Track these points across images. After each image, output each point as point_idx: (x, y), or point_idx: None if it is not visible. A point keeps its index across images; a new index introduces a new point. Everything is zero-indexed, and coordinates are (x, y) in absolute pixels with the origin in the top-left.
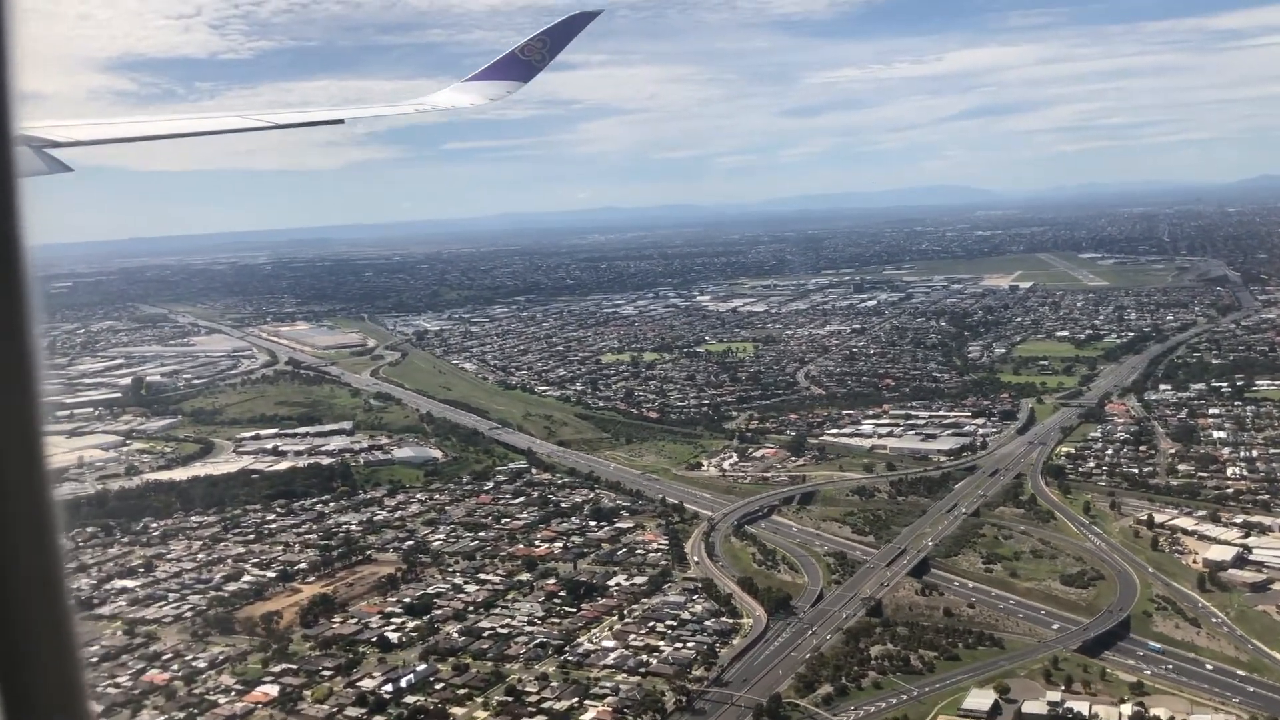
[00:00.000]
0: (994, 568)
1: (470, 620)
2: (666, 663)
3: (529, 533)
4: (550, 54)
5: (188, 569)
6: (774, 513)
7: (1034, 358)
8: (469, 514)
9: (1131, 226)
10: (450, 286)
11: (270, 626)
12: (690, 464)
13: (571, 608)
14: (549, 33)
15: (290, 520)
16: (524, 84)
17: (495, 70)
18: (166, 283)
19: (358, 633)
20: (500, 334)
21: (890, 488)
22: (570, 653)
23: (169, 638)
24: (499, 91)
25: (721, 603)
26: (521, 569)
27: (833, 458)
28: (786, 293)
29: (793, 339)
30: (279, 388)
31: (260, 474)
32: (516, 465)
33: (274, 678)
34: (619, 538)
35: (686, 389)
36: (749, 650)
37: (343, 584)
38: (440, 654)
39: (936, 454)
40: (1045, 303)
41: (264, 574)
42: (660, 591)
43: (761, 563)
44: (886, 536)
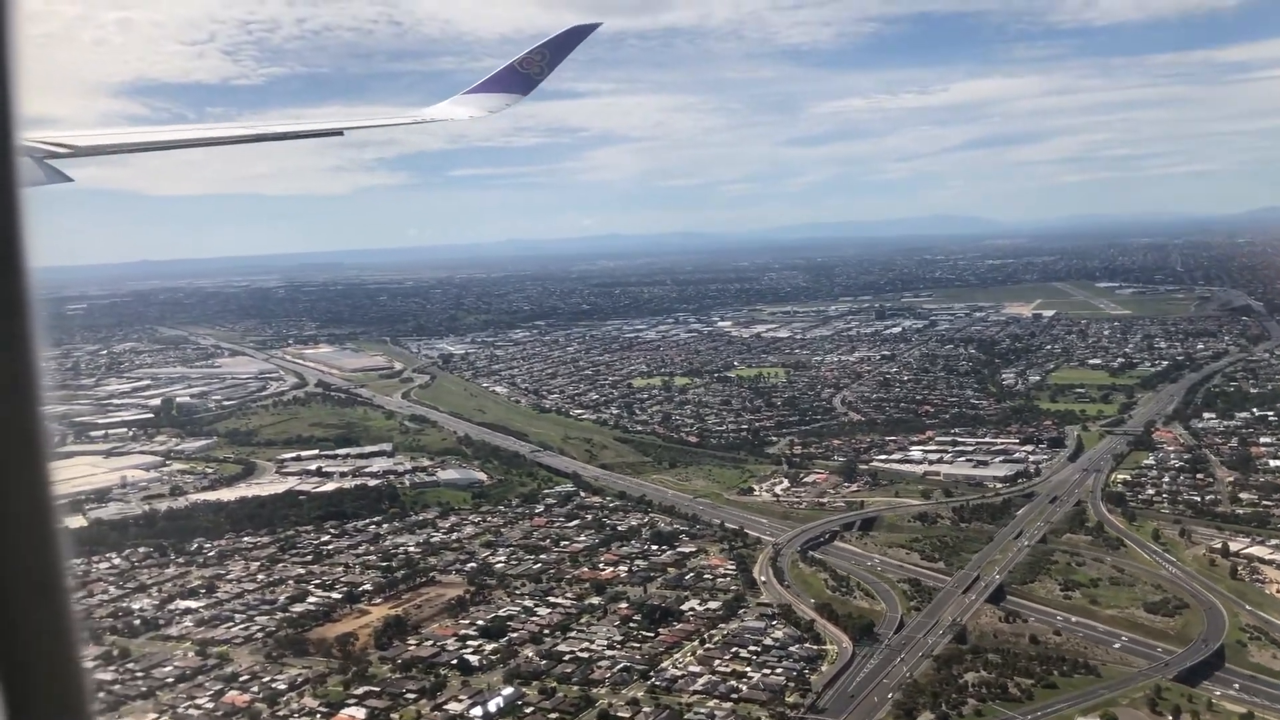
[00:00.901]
0: (1073, 595)
1: (547, 643)
2: (757, 689)
3: (590, 556)
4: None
5: (250, 590)
6: (836, 539)
7: (1070, 385)
8: (525, 536)
9: (1143, 256)
10: (467, 311)
11: (345, 648)
12: (741, 489)
13: (649, 632)
14: (548, 45)
15: (346, 541)
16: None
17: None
18: (181, 305)
19: (435, 655)
20: (526, 358)
21: (952, 514)
22: (656, 678)
23: (241, 659)
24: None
25: (802, 629)
26: (590, 592)
27: (886, 484)
28: (807, 319)
29: (823, 365)
30: (311, 409)
31: (307, 495)
32: (564, 488)
33: (357, 700)
34: (683, 562)
35: (723, 414)
36: (839, 677)
37: (410, 606)
38: (523, 677)
39: (992, 480)
40: (1072, 331)
41: (329, 595)
42: (736, 617)
43: (835, 589)
44: (957, 563)
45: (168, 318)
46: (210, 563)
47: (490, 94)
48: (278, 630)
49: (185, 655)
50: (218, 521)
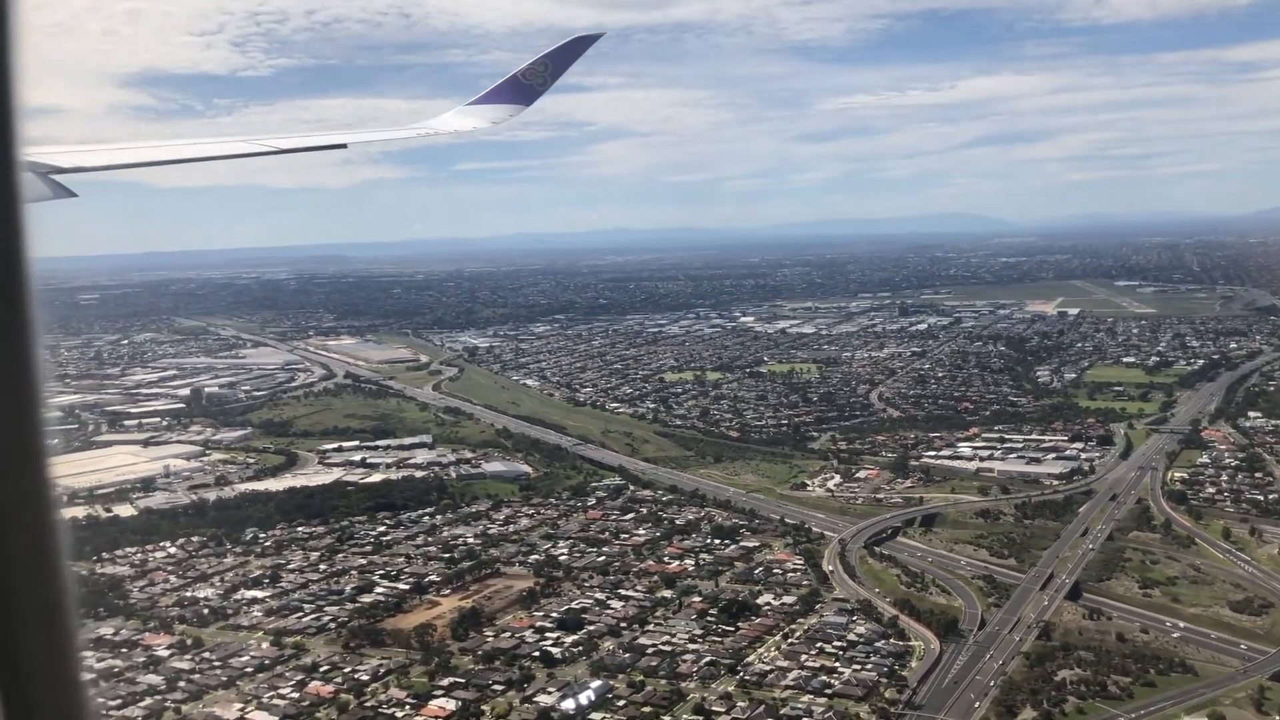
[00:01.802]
0: (1152, 593)
1: (625, 636)
2: (850, 684)
3: (653, 549)
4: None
5: (313, 580)
6: (898, 534)
7: (1106, 383)
8: (583, 529)
9: (1157, 256)
10: (484, 304)
11: (424, 639)
12: (794, 484)
13: (729, 626)
14: (550, 56)
15: (403, 533)
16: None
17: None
18: (194, 296)
19: (515, 647)
20: (551, 351)
21: (1015, 511)
22: (744, 672)
23: (317, 649)
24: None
25: (883, 624)
26: (660, 585)
27: (939, 480)
28: (829, 315)
29: (853, 361)
30: (344, 401)
31: (355, 486)
32: (612, 482)
33: (444, 691)
34: (749, 557)
35: (761, 409)
36: (930, 673)
37: (480, 597)
38: (609, 670)
39: (1047, 477)
40: (1100, 329)
41: (395, 586)
42: (814, 612)
43: (909, 585)
44: (1028, 560)
45: (182, 308)
46: (268, 553)
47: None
48: (350, 621)
49: (259, 645)
50: (268, 511)
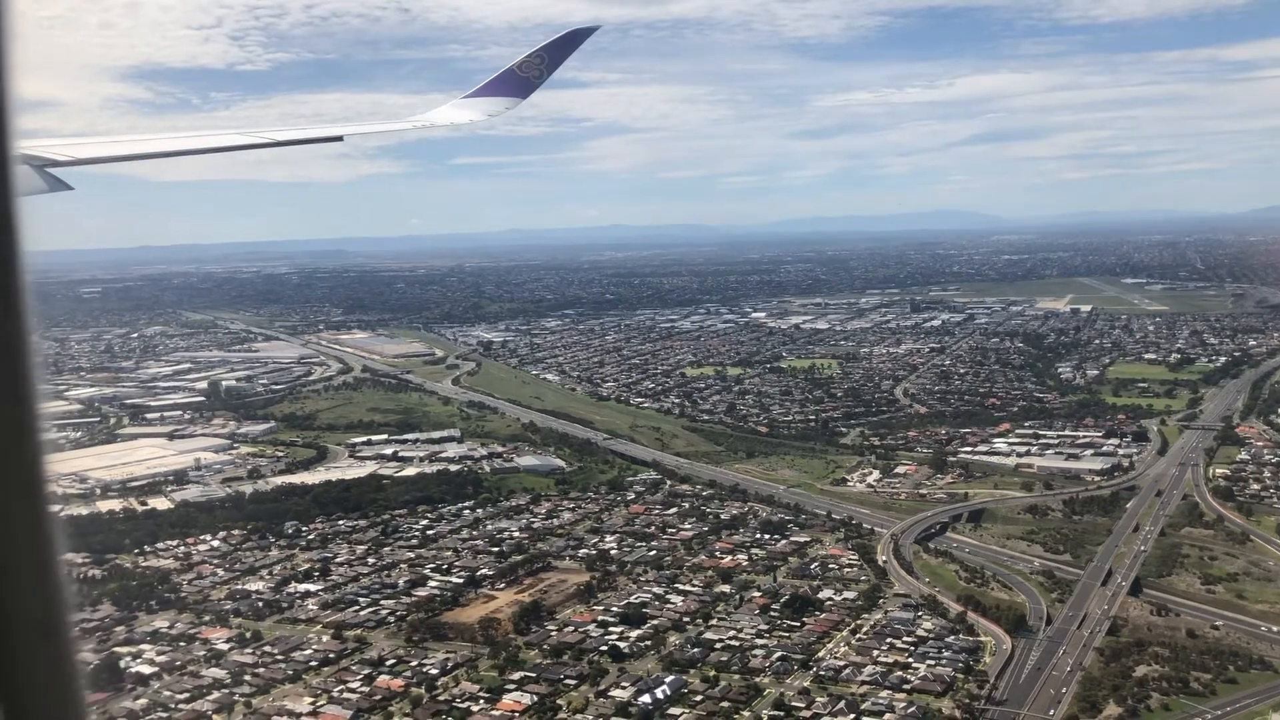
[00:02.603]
0: (1215, 589)
1: (690, 631)
2: (927, 680)
3: (703, 544)
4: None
5: (363, 573)
6: (946, 530)
7: (1130, 380)
8: (628, 523)
9: (1159, 254)
10: (490, 299)
11: (487, 632)
12: (835, 479)
13: (794, 621)
14: (546, 49)
15: (446, 526)
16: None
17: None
18: (196, 290)
19: (581, 641)
20: (566, 346)
21: (1062, 507)
22: (819, 667)
23: (378, 642)
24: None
25: (950, 620)
26: (717, 580)
27: (979, 476)
28: (840, 311)
29: (872, 356)
30: (364, 395)
31: (390, 479)
32: (649, 476)
33: (516, 685)
34: (802, 552)
35: (787, 404)
36: (1005, 669)
37: (536, 591)
38: (680, 665)
39: (1088, 474)
40: (1116, 326)
41: (448, 580)
42: (877, 607)
43: (969, 580)
44: (1084, 556)
45: (186, 302)
46: (313, 546)
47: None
48: (408, 614)
49: (319, 639)
50: (305, 505)
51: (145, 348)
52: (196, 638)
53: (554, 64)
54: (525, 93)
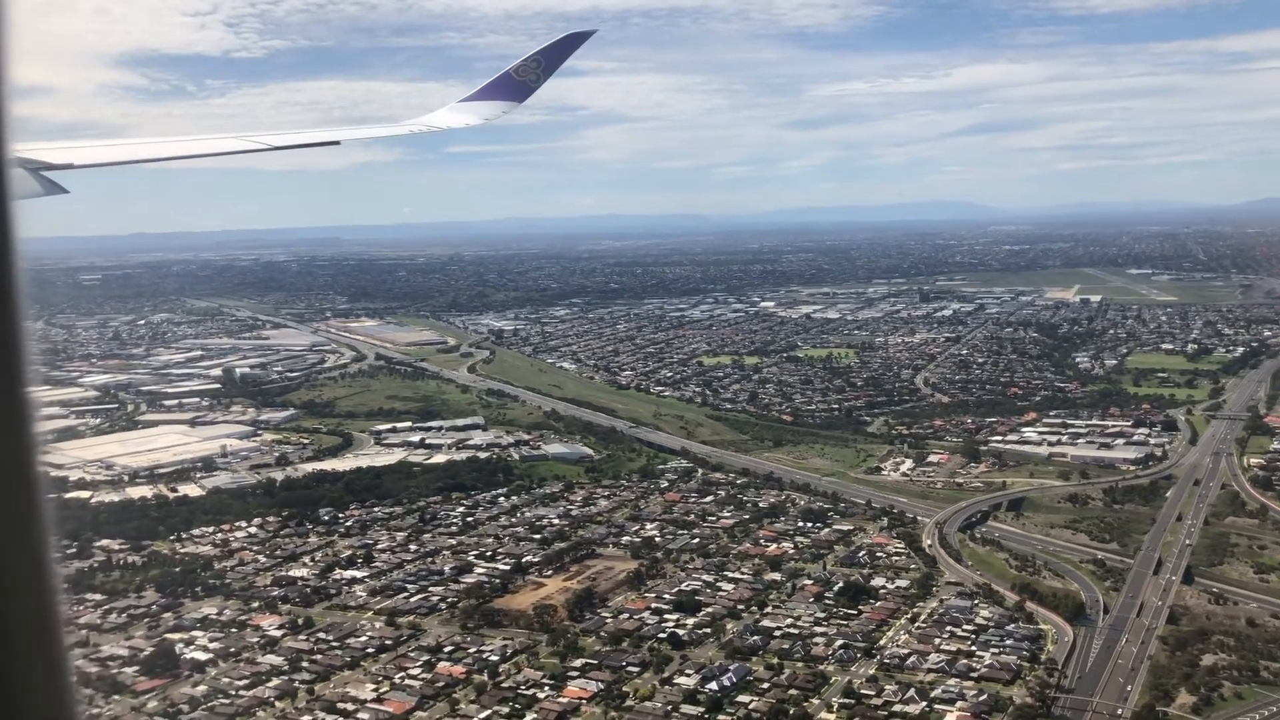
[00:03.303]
0: (1269, 578)
1: (746, 619)
2: (994, 668)
3: (745, 532)
4: (544, 74)
5: (407, 560)
6: (987, 519)
7: (1149, 370)
8: (666, 511)
9: (1159, 244)
10: (494, 288)
11: (543, 619)
12: (869, 468)
13: (850, 609)
14: (543, 53)
15: (484, 513)
16: (519, 104)
17: (490, 90)
18: (197, 277)
19: (638, 629)
20: (579, 334)
21: (1102, 495)
22: (882, 655)
23: (433, 629)
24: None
25: (1008, 609)
26: (765, 568)
27: (1013, 465)
28: (849, 301)
29: (888, 346)
30: (381, 382)
31: (420, 466)
32: (679, 464)
33: (579, 673)
34: (847, 540)
35: (808, 393)
36: (1070, 657)
37: (584, 578)
38: (741, 653)
39: (1122, 463)
40: (1128, 316)
41: (494, 567)
42: (931, 595)
43: (1019, 569)
44: (1131, 544)
45: (188, 289)
46: (353, 533)
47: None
48: (459, 601)
49: (372, 625)
50: (337, 491)
51: (154, 335)
52: (247, 624)
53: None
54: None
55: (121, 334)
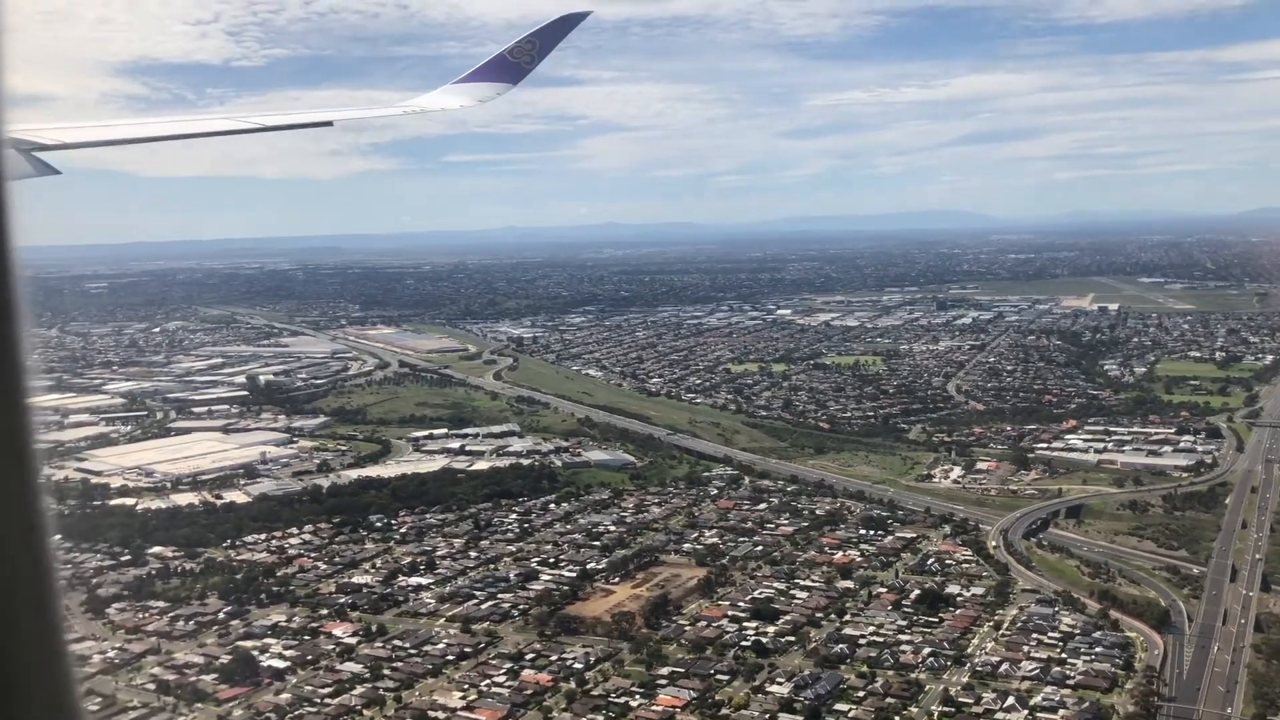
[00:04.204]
0: None
1: (827, 627)
2: (1090, 676)
3: (806, 540)
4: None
5: (470, 567)
6: (1047, 526)
7: (1180, 377)
8: (721, 518)
9: (1165, 253)
10: (504, 296)
11: (621, 626)
12: (918, 476)
13: (931, 617)
14: (538, 34)
15: (539, 520)
16: (513, 85)
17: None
18: (204, 285)
19: (719, 636)
20: (598, 342)
21: (1162, 502)
22: (973, 663)
23: (508, 636)
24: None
25: (1091, 616)
26: (835, 575)
27: (1063, 472)
28: (865, 309)
29: (913, 354)
30: (409, 389)
31: (464, 473)
32: (724, 471)
33: (667, 681)
34: (913, 547)
35: (842, 400)
36: (1163, 665)
37: (653, 585)
38: (829, 661)
39: (1173, 470)
40: (1149, 325)
41: (560, 573)
42: (1009, 603)
43: (1093, 576)
44: (1200, 551)
45: (196, 297)
46: (409, 539)
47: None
48: (530, 608)
49: (446, 632)
50: (383, 498)
51: (171, 342)
52: (319, 631)
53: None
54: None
55: (138, 341)
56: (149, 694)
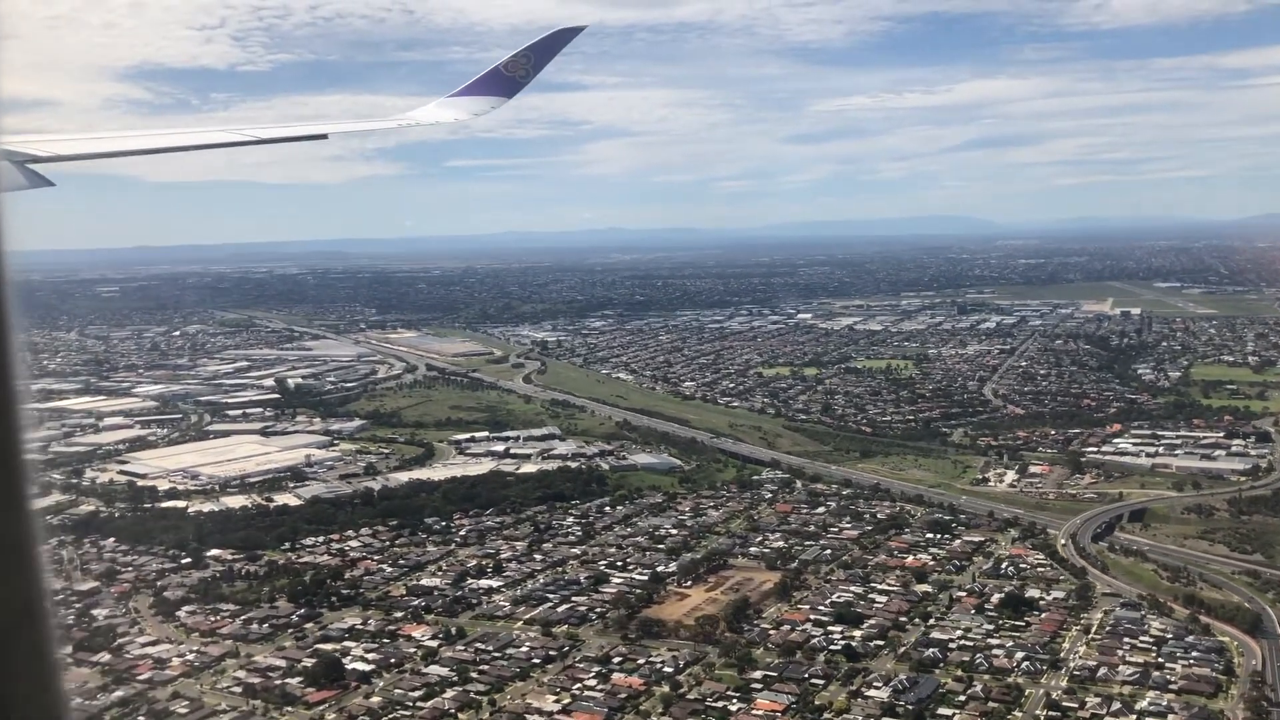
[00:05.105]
0: None
1: (913, 631)
2: (1190, 680)
3: (874, 543)
4: (534, 70)
5: (537, 570)
6: (1112, 530)
7: (1216, 381)
8: (782, 521)
9: (1175, 259)
10: (518, 300)
11: (704, 629)
12: (972, 480)
13: (1017, 620)
14: (533, 49)
15: (599, 523)
16: (507, 99)
17: (479, 86)
18: (216, 290)
19: (806, 640)
20: (624, 345)
21: (1228, 506)
22: (1071, 668)
23: (590, 639)
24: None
25: (1180, 621)
26: (911, 579)
27: (1118, 476)
28: (886, 313)
29: (943, 358)
30: (441, 392)
31: (513, 476)
32: (774, 475)
33: (762, 685)
34: (982, 551)
35: (880, 404)
36: (1264, 671)
37: (727, 589)
38: (923, 665)
39: (1230, 474)
40: (1175, 329)
41: (630, 576)
42: (1093, 607)
43: (1172, 580)
44: (1277, 555)
45: (210, 301)
46: (470, 542)
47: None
48: (607, 611)
49: (525, 635)
50: (435, 500)
51: (193, 345)
52: (397, 634)
53: (540, 64)
54: (511, 92)
55: (159, 345)
56: (235, 697)
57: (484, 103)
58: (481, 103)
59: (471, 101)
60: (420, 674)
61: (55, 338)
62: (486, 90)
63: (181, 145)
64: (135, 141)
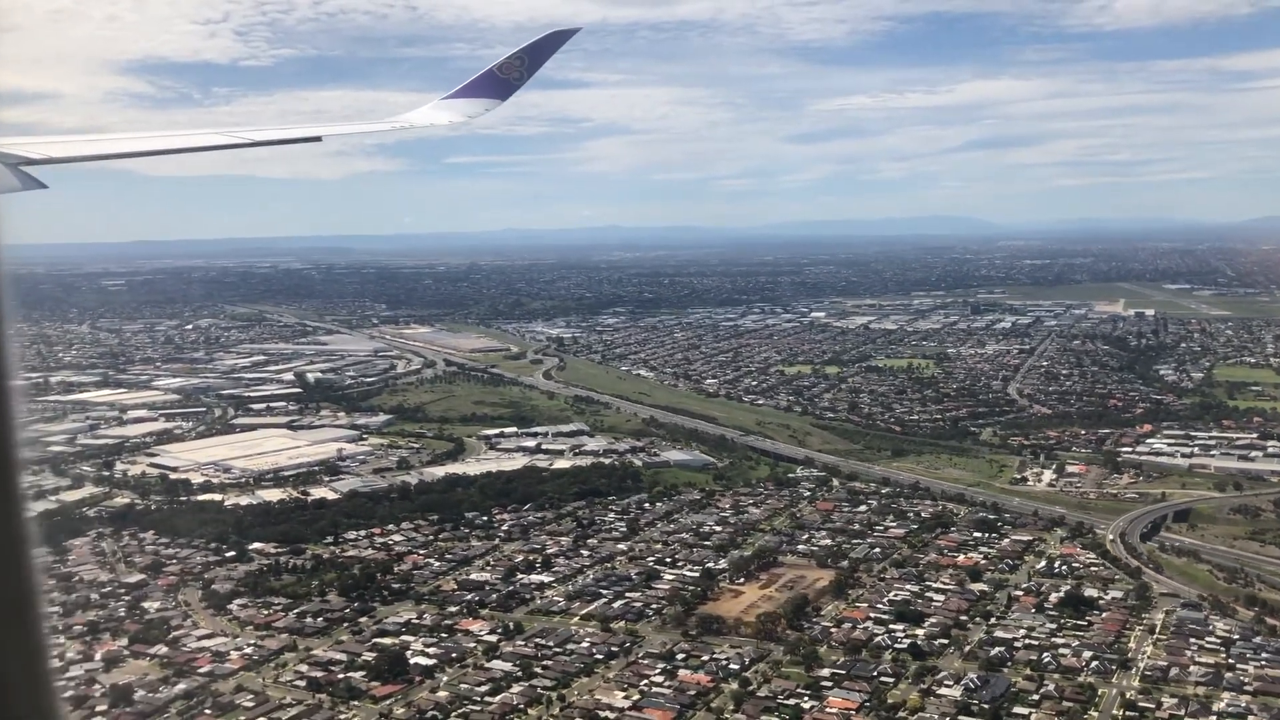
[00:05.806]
0: None
1: (975, 630)
2: (1265, 681)
3: (919, 541)
4: (528, 72)
5: (586, 565)
6: (1158, 530)
7: (1240, 382)
8: (826, 519)
9: (1180, 260)
10: (527, 296)
11: (766, 626)
12: (1010, 479)
13: (1079, 620)
14: (526, 50)
15: (642, 518)
16: (501, 101)
17: (473, 88)
18: (222, 284)
19: (870, 638)
20: (639, 342)
21: (1273, 507)
22: (1141, 668)
23: (650, 635)
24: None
25: (1244, 621)
26: (966, 578)
27: (1156, 476)
28: (899, 312)
29: (964, 357)
30: (462, 388)
31: (548, 471)
32: (810, 473)
33: (832, 683)
34: (1031, 550)
35: (906, 403)
36: None
37: (782, 586)
38: (991, 665)
39: (1270, 474)
40: (1191, 330)
41: (681, 573)
42: (1153, 606)
43: (1229, 580)
44: None
45: (218, 295)
46: (513, 537)
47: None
48: (663, 608)
49: (584, 630)
50: (471, 495)
51: (207, 339)
52: (455, 629)
53: (534, 65)
54: (505, 94)
55: (173, 338)
56: (300, 691)
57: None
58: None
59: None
60: (484, 669)
61: (68, 330)
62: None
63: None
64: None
